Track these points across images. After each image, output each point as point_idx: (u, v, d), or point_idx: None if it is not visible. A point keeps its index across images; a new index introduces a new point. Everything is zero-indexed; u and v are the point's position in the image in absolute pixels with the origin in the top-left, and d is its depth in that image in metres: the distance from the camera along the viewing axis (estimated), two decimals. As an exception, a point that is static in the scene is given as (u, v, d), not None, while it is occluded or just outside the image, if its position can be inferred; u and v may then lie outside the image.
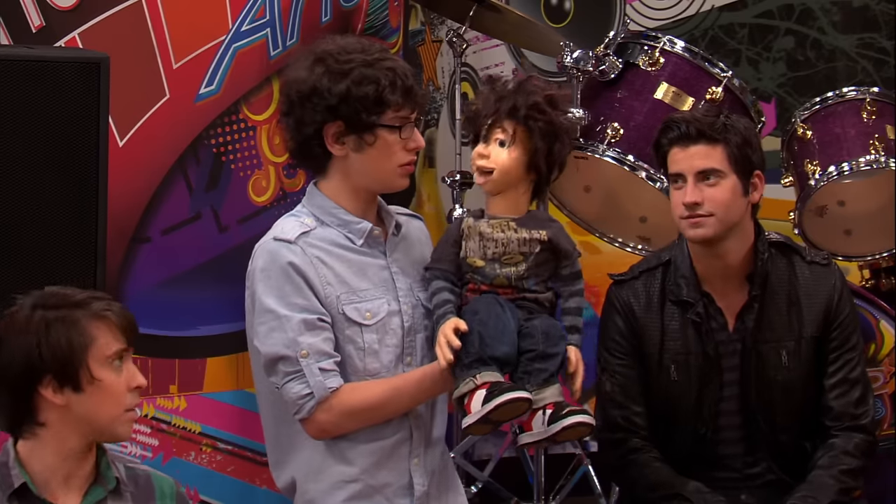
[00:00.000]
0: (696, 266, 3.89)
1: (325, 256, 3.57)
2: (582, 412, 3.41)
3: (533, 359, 3.43)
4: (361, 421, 3.57)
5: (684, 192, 3.82)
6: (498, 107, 3.51)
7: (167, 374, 4.30)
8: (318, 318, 3.53)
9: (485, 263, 3.52)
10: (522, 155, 3.51)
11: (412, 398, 3.58)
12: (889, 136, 4.56)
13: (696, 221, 3.81)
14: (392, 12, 4.90)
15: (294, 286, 3.53)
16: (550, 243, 3.51)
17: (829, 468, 3.84)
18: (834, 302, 3.91)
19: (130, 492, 3.08)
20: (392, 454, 3.60)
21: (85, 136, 3.42)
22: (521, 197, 3.55)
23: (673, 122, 3.87)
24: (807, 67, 5.63)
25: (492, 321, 3.45)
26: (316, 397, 3.51)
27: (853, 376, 3.90)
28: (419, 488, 3.62)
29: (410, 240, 3.69)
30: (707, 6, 5.66)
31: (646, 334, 3.91)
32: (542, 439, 3.44)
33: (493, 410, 3.34)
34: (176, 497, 3.15)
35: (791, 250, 3.96)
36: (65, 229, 3.41)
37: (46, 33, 4.01)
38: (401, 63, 3.58)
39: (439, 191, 5.51)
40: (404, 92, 3.53)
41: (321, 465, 3.59)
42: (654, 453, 3.89)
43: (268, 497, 4.42)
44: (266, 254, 3.56)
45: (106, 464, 3.07)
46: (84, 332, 2.97)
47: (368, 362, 3.57)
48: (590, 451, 4.85)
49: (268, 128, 4.45)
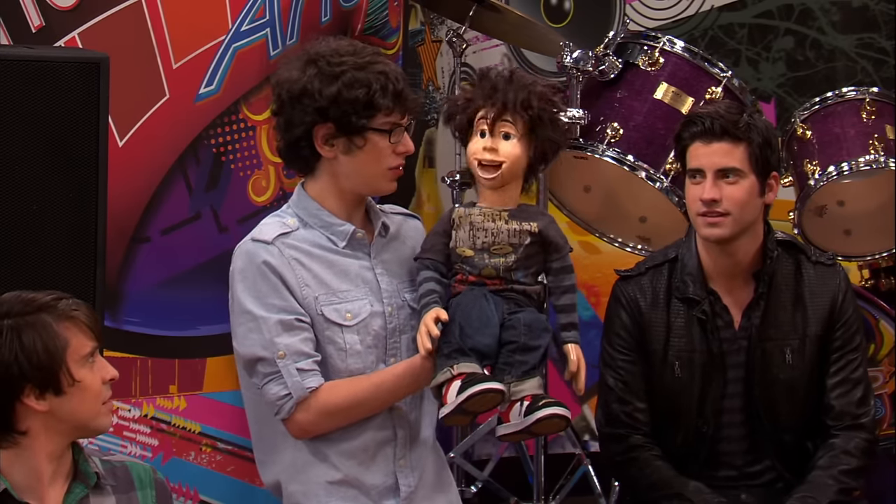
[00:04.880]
0: (703, 263, 3.89)
1: (304, 258, 3.58)
2: (557, 404, 3.38)
3: (514, 350, 3.42)
4: (343, 419, 3.58)
5: (703, 189, 3.81)
6: (503, 99, 3.49)
7: (167, 374, 4.30)
8: (295, 319, 3.54)
9: (474, 253, 3.51)
10: (528, 146, 3.51)
11: (394, 393, 3.58)
12: (888, 135, 4.56)
13: (713, 221, 3.80)
14: (392, 12, 4.90)
15: (270, 286, 3.54)
16: (540, 235, 3.49)
17: (828, 468, 3.84)
18: (838, 302, 3.91)
19: (111, 485, 3.08)
20: (376, 455, 3.61)
21: (85, 136, 3.42)
22: (514, 189, 3.54)
23: (697, 117, 3.86)
24: (806, 67, 5.63)
25: (475, 312, 3.44)
26: (294, 397, 3.52)
27: (855, 376, 3.91)
28: (405, 489, 3.62)
29: (402, 240, 3.68)
30: (707, 6, 5.66)
31: (651, 330, 3.91)
32: (517, 431, 3.41)
33: (466, 401, 3.34)
34: (154, 484, 3.15)
35: (797, 250, 3.96)
36: (65, 229, 3.41)
37: (46, 33, 4.01)
38: (393, 67, 3.58)
39: (439, 191, 5.51)
40: (395, 96, 3.53)
41: (304, 465, 3.60)
42: (655, 451, 3.89)
43: (268, 497, 4.41)
44: (244, 255, 3.57)
45: (83, 460, 3.05)
46: (58, 336, 2.95)
47: (350, 363, 3.59)
48: (590, 451, 4.85)
49: (268, 128, 4.45)
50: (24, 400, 2.95)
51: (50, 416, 2.97)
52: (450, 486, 3.77)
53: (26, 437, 2.98)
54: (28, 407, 2.95)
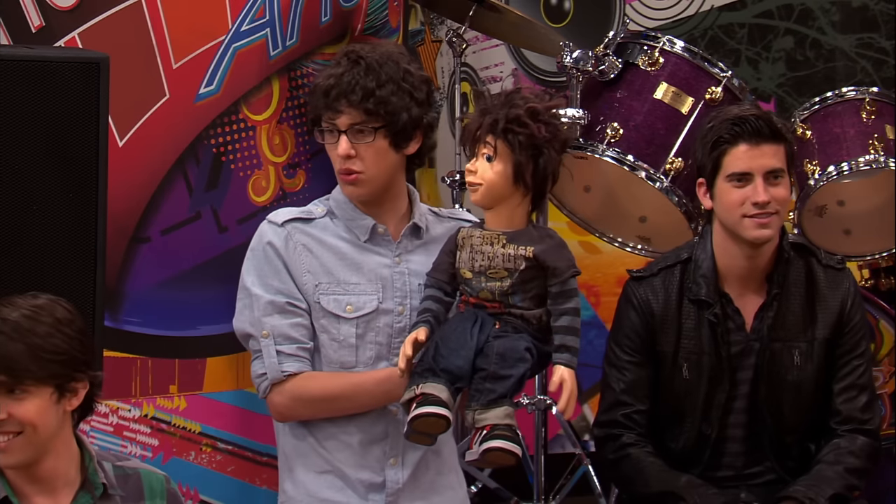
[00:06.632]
0: (719, 265, 3.88)
1: (315, 245, 3.65)
2: (508, 438, 3.36)
3: (484, 378, 3.41)
4: (317, 410, 3.63)
5: (751, 191, 3.79)
6: (481, 121, 3.50)
7: (167, 374, 4.29)
8: (287, 302, 3.61)
9: (472, 276, 3.52)
10: (507, 169, 3.49)
11: (372, 396, 3.61)
12: (888, 135, 4.56)
13: (764, 221, 3.78)
14: (392, 12, 4.90)
15: (272, 268, 3.64)
16: (536, 260, 3.47)
17: (833, 464, 3.85)
18: (847, 306, 3.92)
19: (119, 495, 3.07)
20: (366, 453, 3.65)
21: (85, 136, 3.42)
22: (515, 210, 3.53)
23: (742, 118, 3.82)
24: (806, 67, 5.63)
25: (454, 335, 3.45)
26: (269, 378, 3.62)
27: (861, 382, 3.91)
28: (392, 485, 3.66)
29: (440, 244, 3.66)
30: (706, 6, 5.66)
31: (662, 332, 3.91)
32: (472, 460, 3.42)
33: (413, 421, 3.37)
34: (166, 494, 3.14)
35: (808, 252, 3.97)
36: (65, 229, 3.41)
37: (46, 33, 4.00)
38: (356, 71, 3.61)
39: (439, 191, 5.51)
40: (330, 98, 3.60)
41: (296, 449, 3.68)
42: (647, 448, 3.90)
43: (268, 497, 4.41)
44: (257, 233, 3.72)
45: (93, 469, 3.05)
46: None
47: (343, 354, 3.63)
48: (589, 451, 4.85)
49: (268, 128, 4.45)
50: None
51: None
52: (449, 489, 3.77)
53: None
54: None
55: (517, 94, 3.53)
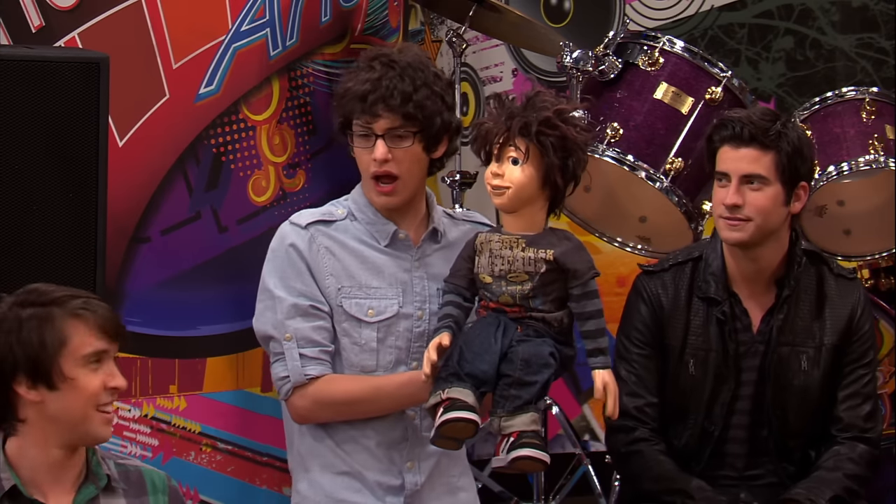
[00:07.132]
0: (727, 265, 3.89)
1: (337, 248, 3.64)
2: (533, 446, 3.37)
3: (509, 384, 3.41)
4: (338, 413, 3.62)
5: (727, 193, 3.81)
6: (509, 125, 3.47)
7: (167, 374, 4.29)
8: (310, 305, 3.60)
9: (492, 280, 3.51)
10: (536, 172, 3.48)
11: (394, 400, 3.61)
12: (888, 135, 4.56)
13: (733, 224, 3.80)
14: (392, 12, 4.90)
15: (295, 270, 3.62)
16: (556, 263, 3.47)
17: (833, 470, 3.86)
18: (857, 315, 3.93)
19: (122, 488, 3.08)
20: (384, 456, 3.64)
21: (85, 136, 3.43)
22: (536, 214, 3.53)
23: (728, 121, 3.86)
24: (806, 67, 5.63)
25: (478, 339, 3.44)
26: (292, 381, 3.60)
27: (865, 391, 3.92)
28: (411, 488, 3.67)
29: (459, 249, 3.65)
30: (706, 6, 5.66)
31: (670, 327, 3.92)
32: (502, 466, 3.42)
33: (441, 426, 3.36)
34: (168, 491, 3.15)
35: (821, 260, 3.98)
36: (65, 229, 3.41)
37: (46, 33, 4.00)
38: (392, 75, 3.61)
39: (439, 191, 5.51)
40: (368, 102, 3.61)
41: (313, 450, 3.66)
42: (660, 446, 3.90)
43: (268, 497, 4.42)
44: (278, 234, 3.70)
45: (96, 462, 3.06)
46: (58, 331, 2.95)
47: (364, 358, 3.62)
48: (589, 451, 4.85)
49: (267, 128, 4.45)
50: (15, 387, 2.97)
51: (43, 407, 2.97)
52: (462, 490, 3.78)
53: (27, 426, 2.99)
54: (21, 395, 2.97)
55: (538, 98, 3.50)
